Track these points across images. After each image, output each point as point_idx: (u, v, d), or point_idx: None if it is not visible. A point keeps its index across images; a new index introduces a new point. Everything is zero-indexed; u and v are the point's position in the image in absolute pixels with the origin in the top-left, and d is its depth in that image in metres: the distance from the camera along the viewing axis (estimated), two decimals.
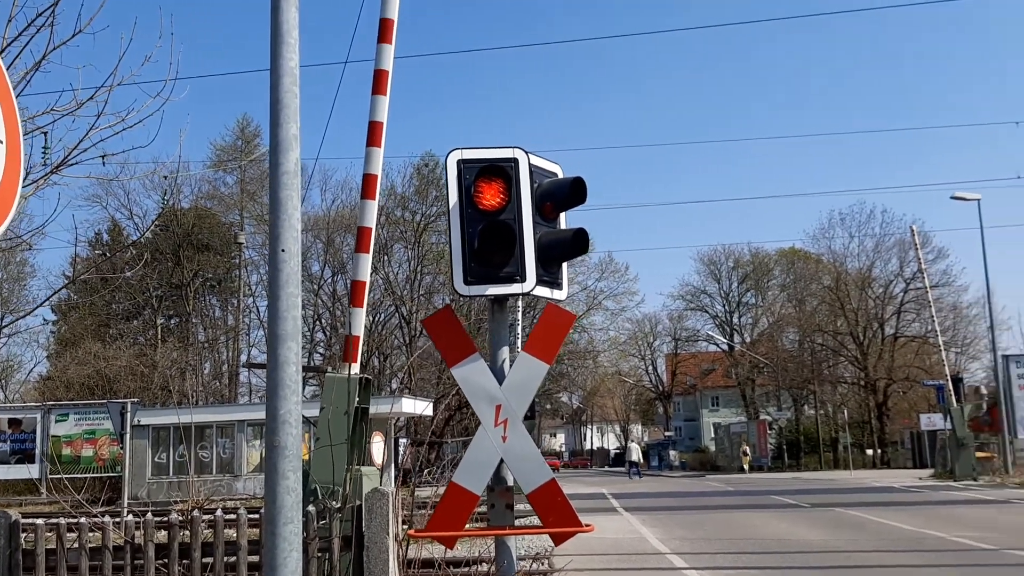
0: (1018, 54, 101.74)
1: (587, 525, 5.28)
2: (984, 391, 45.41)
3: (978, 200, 34.47)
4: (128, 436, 22.00)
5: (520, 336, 26.89)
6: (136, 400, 30.20)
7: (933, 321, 39.65)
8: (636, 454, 52.96)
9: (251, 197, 51.78)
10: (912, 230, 41.40)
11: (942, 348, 37.98)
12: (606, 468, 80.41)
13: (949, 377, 35.13)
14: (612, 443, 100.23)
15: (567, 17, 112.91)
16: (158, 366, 41.08)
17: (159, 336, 47.11)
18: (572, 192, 5.41)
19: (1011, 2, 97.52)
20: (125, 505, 20.56)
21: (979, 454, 34.23)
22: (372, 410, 10.63)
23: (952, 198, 34.69)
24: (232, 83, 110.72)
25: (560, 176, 5.65)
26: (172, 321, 52.29)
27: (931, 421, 40.32)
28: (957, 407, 33.51)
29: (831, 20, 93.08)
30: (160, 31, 6.94)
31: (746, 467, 51.57)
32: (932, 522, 16.22)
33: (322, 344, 51.55)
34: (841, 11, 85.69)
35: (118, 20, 6.58)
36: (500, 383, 5.28)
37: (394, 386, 49.50)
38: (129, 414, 21.50)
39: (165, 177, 27.98)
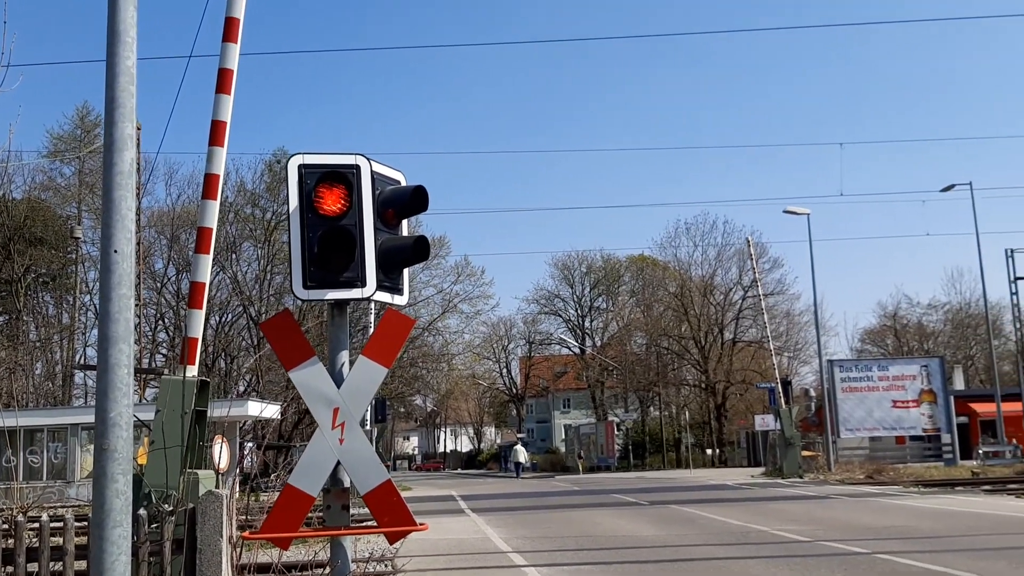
0: (839, 86, 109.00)
1: (421, 524, 5.43)
2: (812, 393, 48.41)
3: (807, 215, 36.74)
4: None
5: None
6: None
7: (766, 327, 41.99)
8: (522, 456, 55.20)
9: (90, 190, 49.14)
10: (748, 241, 43.60)
11: (773, 353, 40.22)
12: (459, 470, 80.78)
13: (779, 380, 37.26)
14: (465, 445, 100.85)
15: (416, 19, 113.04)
16: None
17: None
18: (413, 199, 5.56)
19: (844, 34, 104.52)
20: None
21: (805, 452, 36.39)
22: (216, 413, 10.43)
23: (784, 212, 36.85)
24: (72, 70, 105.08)
25: (402, 183, 5.80)
26: (0, 318, 49.11)
27: (765, 422, 42.25)
28: (785, 408, 35.51)
29: (676, 40, 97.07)
30: None
31: (581, 469, 54.01)
32: (757, 517, 17.25)
33: (164, 344, 49.60)
34: (687, 32, 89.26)
35: None
36: (339, 386, 5.37)
37: (241, 388, 48.16)
38: None
39: None
